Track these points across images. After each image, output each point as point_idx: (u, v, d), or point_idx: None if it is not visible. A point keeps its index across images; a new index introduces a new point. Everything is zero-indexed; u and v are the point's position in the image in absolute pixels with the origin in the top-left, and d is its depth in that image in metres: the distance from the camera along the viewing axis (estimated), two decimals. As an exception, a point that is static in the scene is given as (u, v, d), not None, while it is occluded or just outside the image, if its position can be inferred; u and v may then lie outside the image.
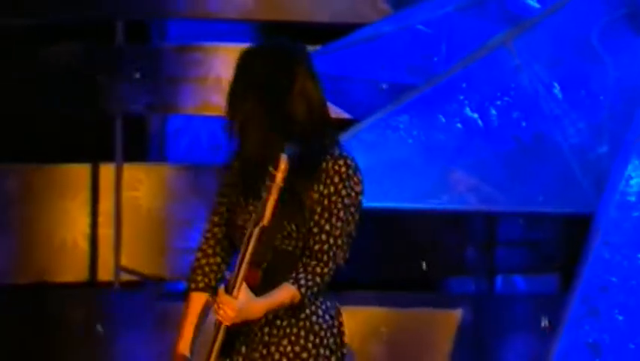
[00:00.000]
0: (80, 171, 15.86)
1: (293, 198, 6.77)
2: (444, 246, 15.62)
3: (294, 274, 6.73)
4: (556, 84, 13.48)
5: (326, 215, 6.77)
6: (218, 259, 7.16)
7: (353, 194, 6.89)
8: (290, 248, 6.83)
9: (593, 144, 13.43)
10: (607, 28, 13.83)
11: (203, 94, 15.80)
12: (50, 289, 16.00)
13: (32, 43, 16.26)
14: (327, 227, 6.76)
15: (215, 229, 7.20)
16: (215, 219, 7.19)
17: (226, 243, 7.17)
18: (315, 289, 6.77)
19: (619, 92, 13.61)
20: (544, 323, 14.67)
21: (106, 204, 15.68)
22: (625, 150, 13.26)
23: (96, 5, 15.91)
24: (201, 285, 7.15)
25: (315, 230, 6.74)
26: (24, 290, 15.96)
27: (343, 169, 6.83)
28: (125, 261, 15.46)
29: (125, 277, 15.45)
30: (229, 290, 6.64)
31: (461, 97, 13.59)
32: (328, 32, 15.23)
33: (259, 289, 6.72)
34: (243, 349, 6.93)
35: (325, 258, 6.75)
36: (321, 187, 6.77)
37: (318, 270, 6.75)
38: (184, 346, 7.19)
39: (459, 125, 13.59)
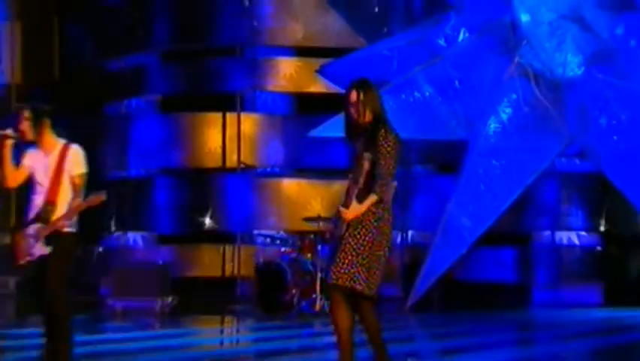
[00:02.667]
0: (217, 117, 16.57)
1: (372, 148, 6.45)
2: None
3: (373, 188, 6.41)
4: (456, 81, 13.97)
5: (381, 160, 6.40)
6: None
7: (389, 147, 6.42)
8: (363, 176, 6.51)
9: (469, 111, 13.98)
10: (458, 55, 14.11)
11: (275, 81, 16.59)
12: (207, 171, 16.61)
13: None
14: (383, 164, 6.39)
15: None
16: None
17: None
18: (383, 191, 6.42)
19: (478, 89, 13.99)
20: None
21: (230, 132, 16.36)
22: (487, 111, 13.90)
23: (219, 39, 16.54)
24: None
25: (379, 167, 6.41)
26: (197, 170, 16.62)
27: (383, 135, 6.46)
28: (244, 159, 16.22)
29: (241, 166, 16.15)
30: (346, 206, 6.45)
31: (414, 87, 14.14)
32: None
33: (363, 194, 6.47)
34: (350, 229, 6.42)
35: (383, 179, 6.40)
36: (379, 143, 6.44)
37: (383, 184, 6.41)
38: None
39: (411, 99, 14.14)
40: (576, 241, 16.16)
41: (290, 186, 16.45)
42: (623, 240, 16.36)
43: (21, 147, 7.66)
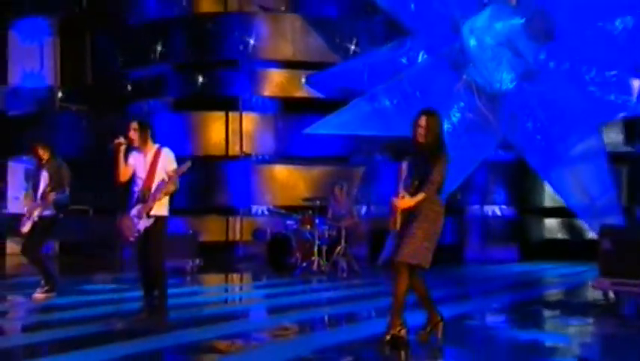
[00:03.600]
0: (221, 116, 16.76)
1: (427, 162, 6.63)
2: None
3: (423, 188, 6.55)
4: (418, 92, 14.13)
5: (434, 172, 6.58)
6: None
7: (441, 167, 6.65)
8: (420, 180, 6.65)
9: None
10: (418, 72, 14.19)
11: (269, 88, 16.82)
12: (214, 158, 16.58)
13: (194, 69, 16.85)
14: (435, 174, 6.59)
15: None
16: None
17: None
18: (431, 193, 6.58)
19: (434, 98, 13.57)
20: None
21: (233, 127, 16.62)
22: (445, 108, 13.82)
23: (223, 53, 16.57)
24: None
25: (431, 176, 6.58)
26: (205, 158, 16.32)
27: (438, 157, 6.64)
28: (243, 149, 16.54)
29: (242, 154, 16.47)
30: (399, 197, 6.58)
31: (383, 96, 14.34)
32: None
33: (414, 192, 6.59)
34: (416, 222, 6.60)
35: (433, 185, 6.60)
36: (435, 163, 6.63)
37: (431, 188, 6.58)
38: None
39: (381, 105, 14.40)
40: (499, 213, 16.49)
41: (280, 170, 16.77)
42: (532, 211, 16.81)
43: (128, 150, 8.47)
